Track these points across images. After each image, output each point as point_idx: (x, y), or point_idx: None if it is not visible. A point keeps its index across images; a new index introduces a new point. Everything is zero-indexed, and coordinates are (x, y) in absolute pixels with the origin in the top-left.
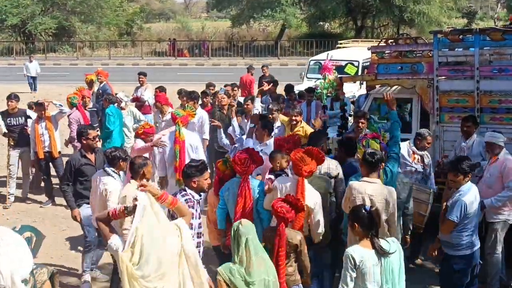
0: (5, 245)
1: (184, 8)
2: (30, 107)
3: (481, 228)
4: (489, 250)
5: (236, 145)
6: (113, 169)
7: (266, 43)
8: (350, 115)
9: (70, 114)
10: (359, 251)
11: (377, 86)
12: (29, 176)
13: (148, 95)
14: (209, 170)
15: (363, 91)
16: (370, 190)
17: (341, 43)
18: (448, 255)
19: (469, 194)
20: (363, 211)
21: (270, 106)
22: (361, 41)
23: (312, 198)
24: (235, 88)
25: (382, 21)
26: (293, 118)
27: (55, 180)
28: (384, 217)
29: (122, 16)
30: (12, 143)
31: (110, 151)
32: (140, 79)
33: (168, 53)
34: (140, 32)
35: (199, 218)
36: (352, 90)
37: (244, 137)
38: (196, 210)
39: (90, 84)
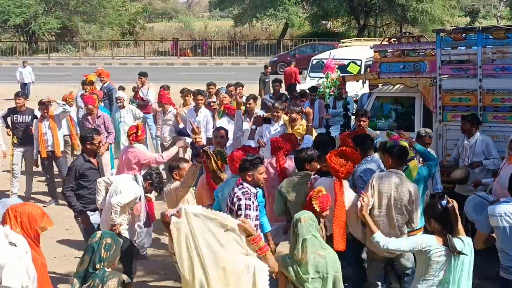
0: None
1: (187, 8)
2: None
3: None
4: None
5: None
6: (141, 180)
7: (269, 42)
8: (353, 114)
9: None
10: (431, 240)
11: (380, 85)
12: (32, 176)
13: (152, 94)
14: (264, 164)
15: (366, 90)
16: (396, 180)
17: (343, 42)
18: None
19: None
20: (440, 207)
21: (276, 105)
22: (364, 40)
23: (351, 199)
24: (240, 88)
25: (385, 19)
26: (292, 116)
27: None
28: (406, 207)
29: (124, 16)
30: (15, 142)
31: (156, 176)
32: (141, 80)
33: (171, 52)
34: (142, 31)
35: (257, 210)
36: (355, 89)
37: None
38: (253, 203)
39: (90, 84)
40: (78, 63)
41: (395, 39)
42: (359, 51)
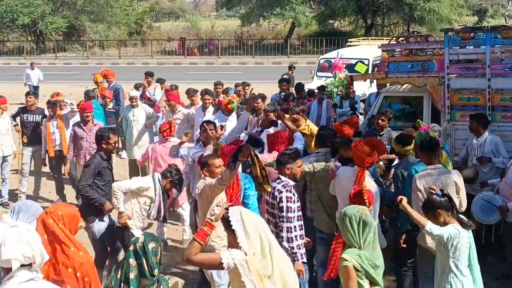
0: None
1: (194, 7)
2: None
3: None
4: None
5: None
6: (160, 181)
7: (276, 41)
8: (361, 113)
9: None
10: (455, 227)
11: (388, 84)
12: (40, 175)
13: (159, 94)
14: (302, 158)
15: (374, 89)
16: (438, 176)
17: (351, 41)
18: None
19: None
20: (438, 197)
21: (266, 108)
22: (371, 39)
23: (371, 189)
24: (247, 87)
25: (392, 19)
26: (293, 117)
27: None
28: (456, 199)
29: (131, 15)
30: (24, 141)
31: (175, 173)
32: (147, 80)
33: (178, 52)
34: (149, 31)
35: (298, 201)
36: (363, 88)
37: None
38: (294, 195)
39: (97, 84)
40: (85, 63)
41: (403, 38)
42: (366, 50)
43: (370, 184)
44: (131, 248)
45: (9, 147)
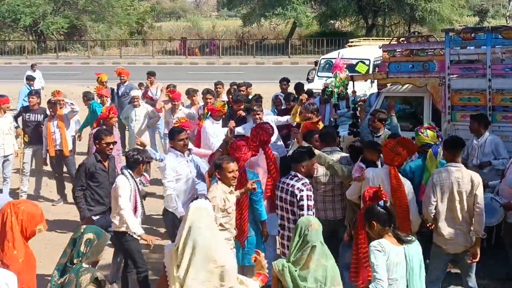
0: None
1: (195, 7)
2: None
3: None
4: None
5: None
6: (130, 172)
7: (277, 41)
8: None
9: None
10: (386, 243)
11: (389, 85)
12: (42, 175)
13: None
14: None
15: (375, 89)
16: (456, 173)
17: (352, 42)
18: None
19: None
20: (378, 207)
21: (255, 108)
22: (372, 39)
23: (406, 187)
24: (250, 88)
25: (393, 19)
26: (307, 116)
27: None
28: (470, 200)
29: (133, 15)
30: (26, 140)
31: (133, 153)
32: (150, 79)
33: (179, 52)
34: (151, 31)
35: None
36: (364, 88)
37: None
38: (310, 190)
39: (101, 84)
40: (87, 63)
41: (403, 39)
42: (367, 50)
43: (404, 181)
44: (72, 236)
45: (11, 146)
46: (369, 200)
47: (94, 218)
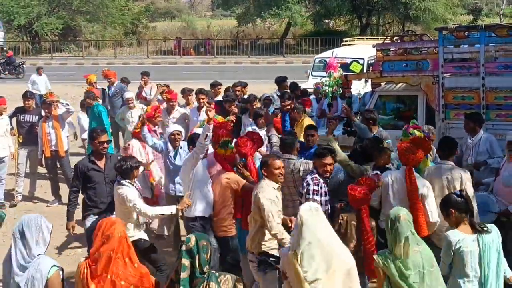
0: None
1: (189, 7)
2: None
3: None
4: None
5: None
6: (128, 181)
7: (272, 41)
8: (356, 113)
9: None
10: (458, 235)
11: (383, 84)
12: (36, 175)
13: (155, 94)
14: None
15: (369, 88)
16: (445, 171)
17: (346, 41)
18: None
19: None
20: (455, 196)
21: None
22: (367, 38)
23: (424, 186)
24: (245, 88)
25: (387, 18)
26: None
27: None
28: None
29: (127, 15)
30: (20, 141)
31: (120, 164)
32: (144, 79)
33: (174, 52)
34: (145, 31)
35: (325, 195)
36: (358, 88)
37: None
38: (321, 188)
39: (91, 85)
40: (81, 63)
41: (397, 38)
42: (361, 49)
43: (421, 181)
44: (184, 248)
45: (6, 148)
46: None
47: (93, 218)
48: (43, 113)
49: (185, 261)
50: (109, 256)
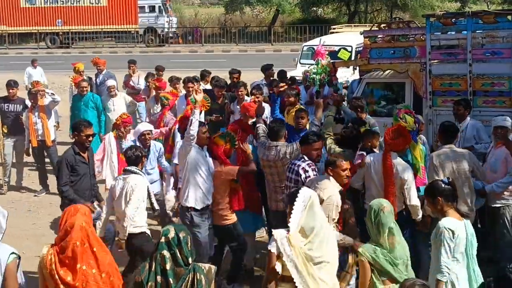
0: None
1: None
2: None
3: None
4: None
5: None
6: (137, 168)
7: (260, 29)
8: (343, 101)
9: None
10: (454, 223)
11: (371, 71)
12: (23, 165)
13: (142, 83)
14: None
15: (357, 76)
16: (451, 154)
17: (334, 28)
18: None
19: None
20: (442, 184)
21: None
22: (354, 26)
23: (404, 171)
24: (236, 74)
25: (376, 5)
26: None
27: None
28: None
29: None
30: (5, 131)
31: (132, 151)
32: (131, 67)
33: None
34: None
35: None
36: (346, 75)
37: None
38: (314, 170)
39: (78, 73)
40: (68, 52)
41: (385, 25)
42: (349, 37)
43: (402, 166)
44: (163, 239)
45: None
46: None
47: None
48: (27, 102)
49: (166, 253)
50: (76, 245)
